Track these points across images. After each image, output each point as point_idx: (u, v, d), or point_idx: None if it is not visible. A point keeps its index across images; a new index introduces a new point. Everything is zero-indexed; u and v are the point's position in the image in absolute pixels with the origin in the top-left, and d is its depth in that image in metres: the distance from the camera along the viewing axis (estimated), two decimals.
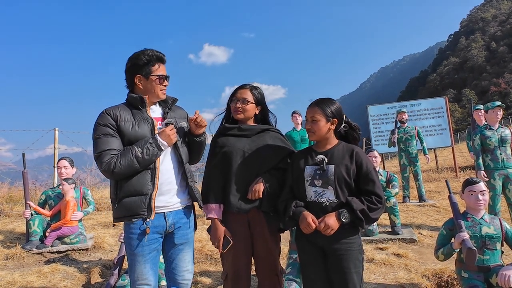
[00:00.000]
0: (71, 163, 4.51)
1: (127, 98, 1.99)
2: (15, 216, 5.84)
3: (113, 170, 1.78)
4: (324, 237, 1.84)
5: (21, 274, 3.37)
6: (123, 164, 1.79)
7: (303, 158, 2.00)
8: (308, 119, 1.98)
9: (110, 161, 1.79)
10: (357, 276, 1.83)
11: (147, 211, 1.84)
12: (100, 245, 4.35)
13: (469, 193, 2.55)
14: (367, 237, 4.33)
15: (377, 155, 4.74)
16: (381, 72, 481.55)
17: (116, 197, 1.88)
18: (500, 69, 79.51)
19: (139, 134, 1.88)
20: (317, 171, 1.91)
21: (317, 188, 1.89)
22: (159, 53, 1.96)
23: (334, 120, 1.97)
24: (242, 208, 2.02)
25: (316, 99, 2.02)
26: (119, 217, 1.89)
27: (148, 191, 1.86)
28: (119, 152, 1.83)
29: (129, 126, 1.87)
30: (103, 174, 1.85)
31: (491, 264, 2.42)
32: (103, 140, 1.83)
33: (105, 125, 1.85)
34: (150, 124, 1.93)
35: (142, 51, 1.94)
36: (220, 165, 2.08)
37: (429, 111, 9.28)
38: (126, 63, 1.97)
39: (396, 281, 3.16)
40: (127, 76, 1.99)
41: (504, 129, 4.44)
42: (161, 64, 1.98)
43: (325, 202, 1.86)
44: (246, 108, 2.12)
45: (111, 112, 1.89)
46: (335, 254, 1.85)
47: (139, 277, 1.88)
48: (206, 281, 3.38)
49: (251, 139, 2.11)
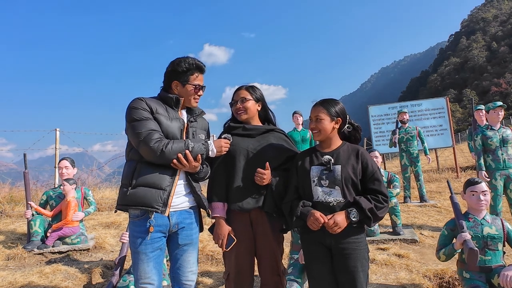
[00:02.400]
0: (72, 163, 4.51)
1: (160, 95, 2.02)
2: (16, 217, 5.84)
3: (163, 149, 1.79)
4: (331, 236, 1.85)
5: (23, 275, 3.37)
6: (175, 148, 1.82)
7: (308, 159, 2.01)
8: (313, 119, 1.99)
9: (160, 140, 1.81)
10: (363, 275, 1.84)
11: (163, 206, 1.85)
12: (101, 246, 4.35)
13: (471, 194, 2.54)
14: (368, 237, 4.31)
15: (378, 155, 4.73)
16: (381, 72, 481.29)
17: (129, 183, 1.85)
18: (501, 69, 79.40)
19: (170, 129, 1.91)
20: (323, 172, 1.92)
21: (324, 188, 1.91)
22: (200, 62, 2.00)
23: (338, 120, 1.99)
24: (245, 208, 2.02)
25: (322, 99, 2.04)
26: (127, 205, 1.85)
27: (167, 187, 1.87)
28: (162, 135, 1.85)
29: (164, 119, 1.90)
30: (148, 151, 1.79)
31: (492, 265, 2.41)
32: (148, 121, 1.84)
33: (144, 109, 1.87)
34: (181, 124, 1.97)
35: (184, 58, 1.98)
36: (224, 164, 2.09)
37: (430, 111, 9.28)
38: (167, 66, 2.01)
39: (397, 281, 3.15)
40: (165, 78, 2.03)
41: (505, 129, 4.44)
42: (199, 73, 2.02)
43: (332, 202, 1.88)
44: (247, 105, 2.13)
45: (147, 100, 1.91)
46: (342, 254, 1.85)
47: (142, 275, 1.88)
48: (208, 282, 3.38)
49: (255, 139, 2.12)
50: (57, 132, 7.28)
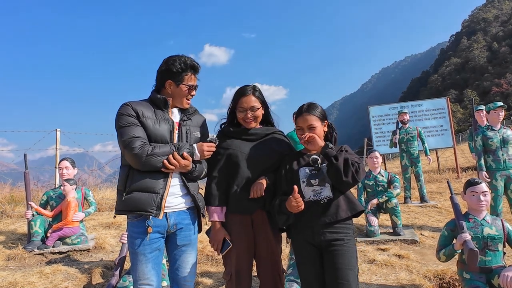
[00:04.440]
0: (73, 163, 4.51)
1: (151, 97, 2.01)
2: (16, 217, 5.84)
3: (147, 155, 1.79)
4: (320, 234, 1.86)
5: (23, 275, 3.37)
6: (159, 153, 1.82)
7: (295, 161, 2.02)
8: (304, 128, 1.96)
9: (143, 146, 1.81)
10: (352, 274, 1.81)
11: (156, 209, 1.85)
12: (101, 246, 4.35)
13: (471, 194, 2.54)
14: (369, 238, 4.31)
15: (378, 155, 4.73)
16: (382, 72, 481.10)
17: (124, 189, 1.87)
18: (502, 70, 79.35)
19: (159, 132, 1.90)
20: (312, 172, 1.93)
21: (315, 187, 1.92)
22: (194, 62, 2.00)
23: (325, 122, 2.03)
24: (246, 211, 2.02)
25: (304, 106, 2.01)
26: (124, 210, 1.86)
27: (160, 190, 1.87)
28: (146, 141, 1.85)
29: (150, 123, 1.90)
30: (132, 158, 1.81)
31: (493, 265, 2.41)
32: (131, 128, 1.85)
33: (129, 115, 1.87)
34: (170, 126, 1.96)
35: (178, 56, 1.97)
36: (224, 168, 2.07)
37: (430, 111, 9.28)
38: (160, 64, 1.99)
39: (397, 282, 3.15)
40: (158, 77, 2.01)
41: (506, 129, 4.43)
42: (194, 73, 2.02)
43: (323, 200, 1.90)
44: (257, 114, 2.11)
45: (133, 105, 1.91)
46: (331, 251, 1.85)
47: (140, 276, 1.87)
48: (207, 282, 3.38)
49: (256, 143, 2.11)
50: (58, 132, 7.27)
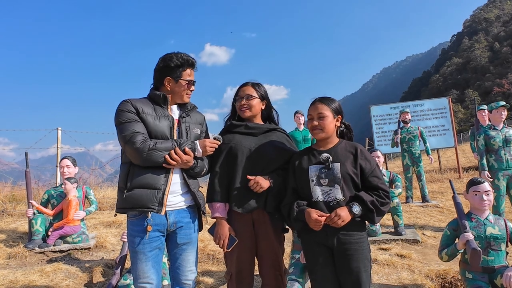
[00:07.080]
0: (74, 162, 4.51)
1: (150, 95, 2.01)
2: (17, 215, 5.85)
3: (149, 149, 1.79)
4: (333, 237, 1.82)
5: (24, 273, 3.37)
6: (161, 148, 1.81)
7: (306, 158, 1.97)
8: (314, 116, 1.93)
9: (145, 141, 1.80)
10: (366, 276, 1.81)
11: (158, 205, 1.84)
12: (102, 245, 4.35)
13: (474, 193, 2.53)
14: (370, 237, 4.30)
15: (380, 155, 4.72)
16: (383, 72, 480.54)
17: (125, 186, 1.86)
18: (504, 70, 79.16)
19: (159, 129, 1.90)
20: (322, 170, 1.88)
21: (324, 187, 1.86)
22: (191, 58, 2.00)
23: (338, 117, 1.97)
24: (246, 208, 2.00)
25: (318, 97, 2.00)
26: (125, 208, 1.85)
27: (162, 186, 1.86)
28: (147, 136, 1.85)
29: (151, 119, 1.90)
30: (133, 153, 1.80)
31: (495, 265, 2.40)
32: (132, 124, 1.84)
33: (129, 111, 1.87)
34: (170, 122, 1.96)
35: (175, 53, 1.97)
36: (225, 164, 2.06)
37: (432, 111, 9.26)
38: (158, 62, 1.99)
39: (399, 281, 3.14)
40: (156, 75, 2.01)
41: (508, 129, 4.41)
42: (191, 69, 2.02)
43: (332, 202, 1.84)
44: (252, 103, 2.11)
45: (132, 102, 1.91)
46: (345, 254, 1.82)
47: (140, 275, 1.87)
48: (208, 281, 3.37)
49: (257, 138, 2.10)
50: (59, 131, 7.27)
